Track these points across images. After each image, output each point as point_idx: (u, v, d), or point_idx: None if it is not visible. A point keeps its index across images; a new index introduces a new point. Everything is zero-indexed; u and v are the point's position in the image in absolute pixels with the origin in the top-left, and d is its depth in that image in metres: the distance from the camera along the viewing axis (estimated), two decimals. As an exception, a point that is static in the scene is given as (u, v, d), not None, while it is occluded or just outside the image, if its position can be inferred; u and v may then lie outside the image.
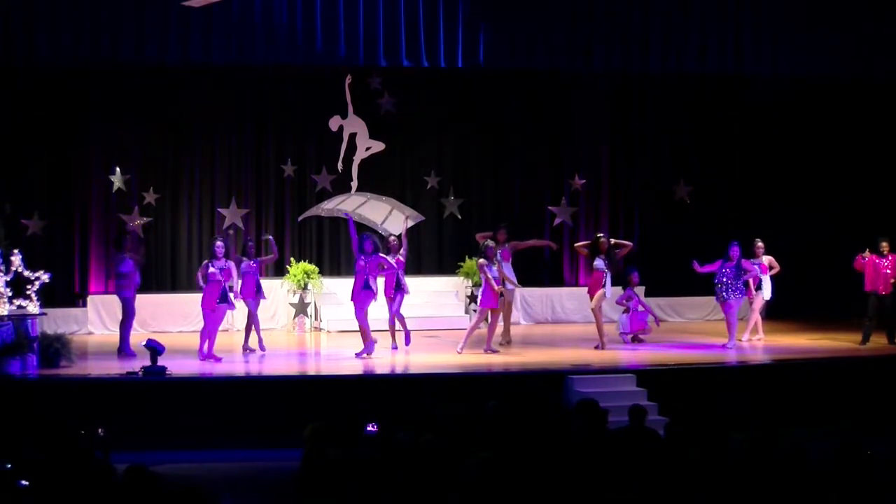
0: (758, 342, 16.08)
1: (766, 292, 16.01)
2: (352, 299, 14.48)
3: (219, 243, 14.54)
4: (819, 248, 18.67)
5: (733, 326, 15.39)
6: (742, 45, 17.25)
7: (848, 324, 16.82)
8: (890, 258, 15.68)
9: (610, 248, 15.25)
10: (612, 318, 16.75)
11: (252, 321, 15.25)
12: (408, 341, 15.31)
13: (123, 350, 14.76)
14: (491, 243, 14.98)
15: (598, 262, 15.12)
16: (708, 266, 15.44)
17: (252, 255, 15.46)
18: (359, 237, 14.66)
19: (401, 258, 15.35)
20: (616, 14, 16.91)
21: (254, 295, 15.24)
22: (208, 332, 14.23)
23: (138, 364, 13.29)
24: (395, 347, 15.28)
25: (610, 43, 16.98)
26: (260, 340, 15.16)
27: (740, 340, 15.81)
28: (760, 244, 15.99)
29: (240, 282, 14.89)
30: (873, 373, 14.39)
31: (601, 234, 15.77)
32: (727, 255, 15.26)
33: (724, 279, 15.24)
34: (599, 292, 15.09)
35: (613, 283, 15.38)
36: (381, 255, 14.68)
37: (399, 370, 14.30)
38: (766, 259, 16.03)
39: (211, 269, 14.20)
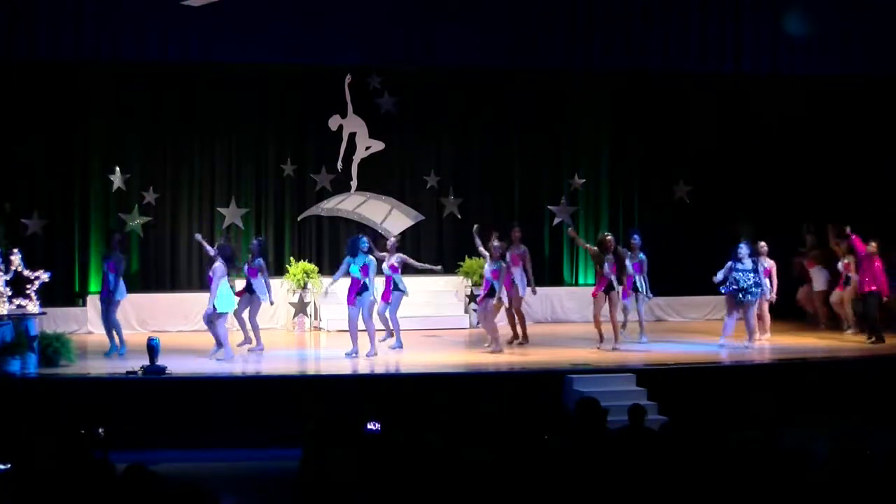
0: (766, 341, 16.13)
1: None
2: (351, 303, 14.50)
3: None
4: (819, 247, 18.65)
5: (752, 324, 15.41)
6: (742, 45, 17.26)
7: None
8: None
9: (616, 247, 15.23)
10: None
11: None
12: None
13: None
14: (496, 243, 14.98)
15: (606, 265, 15.05)
16: (721, 273, 15.38)
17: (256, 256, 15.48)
18: (354, 238, 14.77)
19: (395, 263, 15.35)
20: (616, 14, 16.93)
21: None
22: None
23: (133, 364, 13.28)
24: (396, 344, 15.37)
25: (610, 42, 16.99)
26: (248, 339, 15.26)
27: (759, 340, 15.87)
28: (764, 245, 16.02)
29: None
30: (873, 372, 14.39)
31: (607, 234, 15.78)
32: (736, 255, 15.19)
33: (750, 277, 15.10)
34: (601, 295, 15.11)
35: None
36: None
37: (399, 370, 14.29)
38: (769, 262, 16.04)
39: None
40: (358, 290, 14.39)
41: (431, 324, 17.38)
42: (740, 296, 15.06)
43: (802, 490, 7.10)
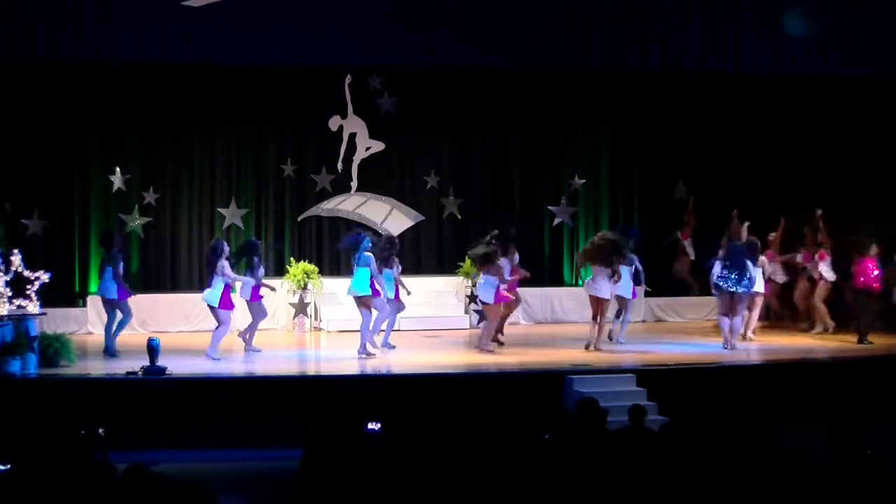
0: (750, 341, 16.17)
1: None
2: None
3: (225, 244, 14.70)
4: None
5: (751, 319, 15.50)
6: (742, 45, 17.26)
7: (847, 323, 16.89)
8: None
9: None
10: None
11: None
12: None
13: (110, 350, 14.79)
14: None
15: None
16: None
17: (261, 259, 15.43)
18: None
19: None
20: (616, 13, 16.93)
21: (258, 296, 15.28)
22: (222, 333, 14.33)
23: (133, 364, 13.27)
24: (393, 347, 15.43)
25: (610, 42, 16.99)
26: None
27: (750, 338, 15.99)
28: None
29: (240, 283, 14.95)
30: (873, 372, 14.40)
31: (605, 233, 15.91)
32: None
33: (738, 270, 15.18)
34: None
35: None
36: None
37: (399, 370, 14.29)
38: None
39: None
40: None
41: (431, 324, 17.38)
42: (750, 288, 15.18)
43: (802, 490, 7.10)
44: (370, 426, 8.60)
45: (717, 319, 15.71)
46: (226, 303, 14.27)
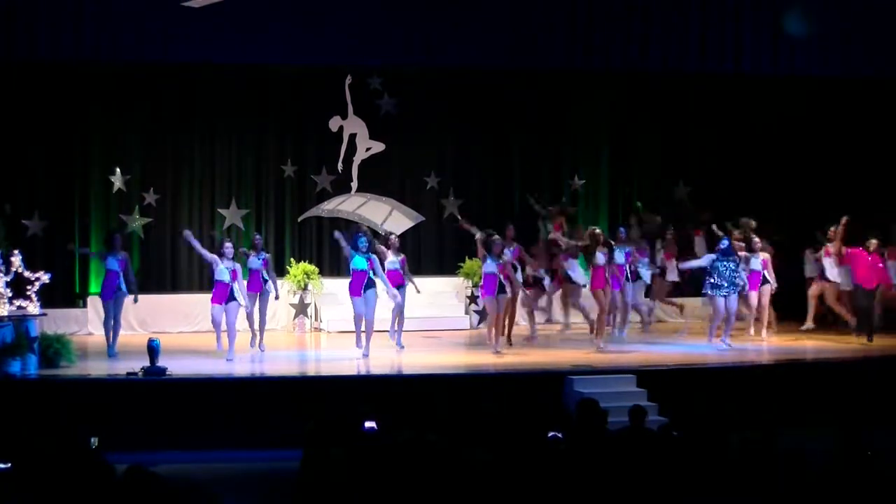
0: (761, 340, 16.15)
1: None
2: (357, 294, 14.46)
3: (227, 244, 14.58)
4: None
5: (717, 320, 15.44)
6: (742, 45, 17.26)
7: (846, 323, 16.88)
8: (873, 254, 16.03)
9: (608, 240, 15.37)
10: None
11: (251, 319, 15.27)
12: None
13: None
14: (497, 238, 14.97)
15: (599, 256, 15.15)
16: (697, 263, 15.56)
17: (259, 250, 15.36)
18: (351, 237, 14.81)
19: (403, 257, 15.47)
20: (616, 13, 16.93)
21: (260, 290, 15.21)
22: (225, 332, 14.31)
23: (134, 365, 13.26)
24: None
25: (610, 42, 16.99)
26: (259, 340, 15.18)
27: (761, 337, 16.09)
28: (757, 239, 16.10)
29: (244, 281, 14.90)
30: (873, 372, 14.39)
31: (597, 228, 15.88)
32: (719, 249, 15.32)
33: (725, 273, 15.18)
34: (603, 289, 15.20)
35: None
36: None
37: (399, 370, 14.29)
38: (764, 255, 16.15)
39: (220, 267, 14.24)
40: (364, 283, 14.42)
41: (431, 325, 17.38)
42: (709, 290, 15.12)
43: (802, 490, 7.10)
44: (367, 425, 8.60)
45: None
46: (215, 297, 14.33)
